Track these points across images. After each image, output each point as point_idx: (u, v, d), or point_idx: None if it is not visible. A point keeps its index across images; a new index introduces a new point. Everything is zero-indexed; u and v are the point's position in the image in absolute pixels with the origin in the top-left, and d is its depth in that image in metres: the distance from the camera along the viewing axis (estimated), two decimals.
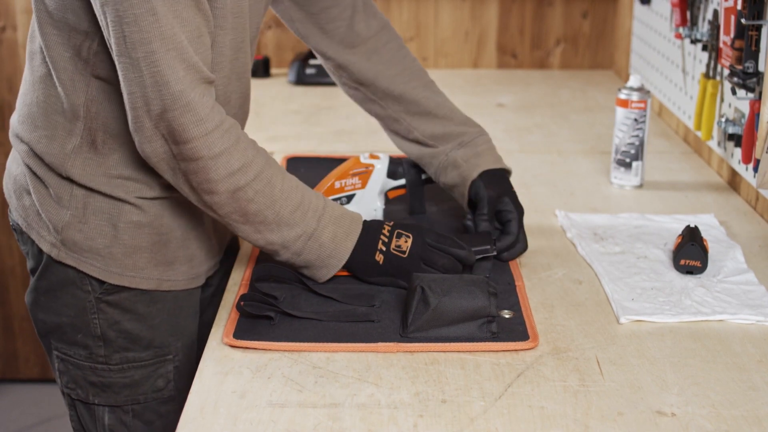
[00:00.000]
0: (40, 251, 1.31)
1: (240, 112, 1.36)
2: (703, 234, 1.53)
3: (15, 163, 1.35)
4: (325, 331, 1.21)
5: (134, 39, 1.12)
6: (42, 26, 1.23)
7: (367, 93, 1.54)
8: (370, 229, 1.33)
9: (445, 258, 1.32)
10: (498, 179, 1.47)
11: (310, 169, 1.76)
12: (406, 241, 1.33)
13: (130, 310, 1.32)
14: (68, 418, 1.39)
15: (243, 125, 1.39)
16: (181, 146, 1.17)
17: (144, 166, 1.27)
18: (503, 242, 1.41)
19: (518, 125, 2.23)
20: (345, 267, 1.32)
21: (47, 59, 1.25)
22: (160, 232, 1.31)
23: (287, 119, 2.27)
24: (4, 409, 2.96)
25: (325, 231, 1.28)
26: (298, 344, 1.18)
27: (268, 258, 1.39)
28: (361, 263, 1.31)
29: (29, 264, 1.36)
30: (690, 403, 1.07)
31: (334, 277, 1.33)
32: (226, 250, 1.49)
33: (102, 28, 1.16)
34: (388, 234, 1.33)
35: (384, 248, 1.32)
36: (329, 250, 1.29)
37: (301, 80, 2.57)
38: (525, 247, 1.43)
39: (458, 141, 1.50)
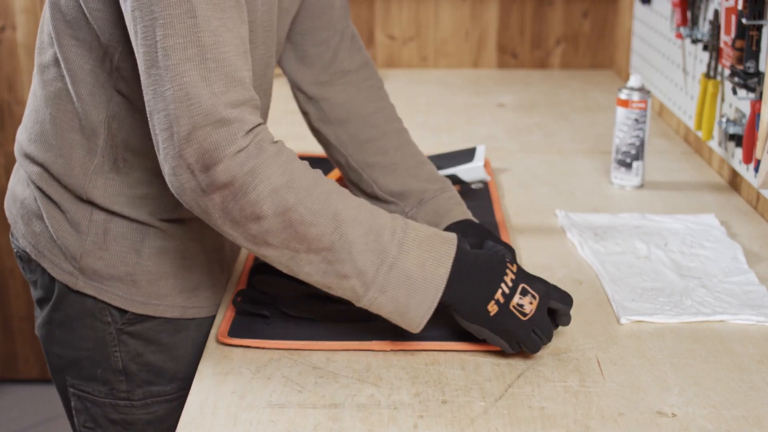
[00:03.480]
0: (52, 280, 1.24)
1: None
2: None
3: (22, 186, 1.26)
4: (320, 330, 1.20)
5: (167, 45, 0.98)
6: (60, 37, 1.15)
7: (332, 136, 1.41)
8: (492, 264, 1.12)
9: (551, 329, 1.15)
10: (470, 228, 1.31)
11: None
12: (531, 303, 1.12)
13: (154, 340, 1.25)
14: (68, 419, 1.36)
15: None
16: (210, 172, 1.00)
17: None
18: None
19: (518, 125, 2.23)
20: (446, 304, 1.10)
21: (65, 72, 1.16)
22: (185, 256, 1.24)
23: (287, 119, 2.26)
24: (4, 409, 2.96)
25: (408, 257, 1.07)
26: (293, 342, 1.18)
27: None
28: (468, 304, 1.10)
29: (36, 294, 1.28)
30: (691, 404, 1.07)
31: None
32: None
33: (131, 38, 1.03)
34: (511, 284, 1.11)
35: (503, 300, 1.11)
36: (418, 281, 1.07)
37: None
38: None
39: (418, 199, 1.36)
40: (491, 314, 1.10)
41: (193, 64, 0.99)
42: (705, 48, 1.88)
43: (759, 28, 1.59)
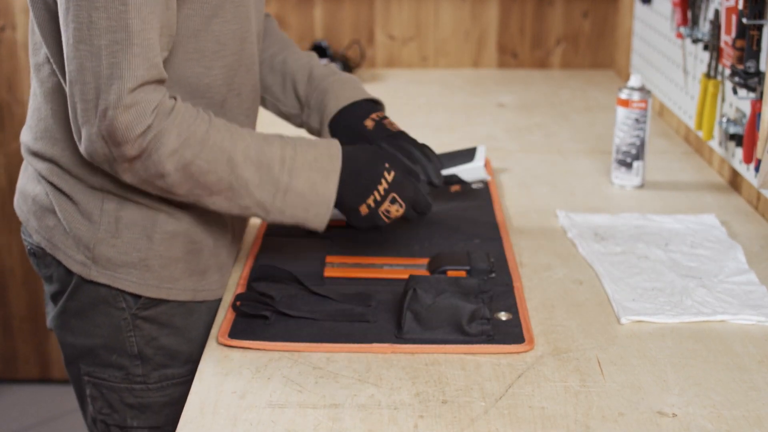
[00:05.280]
0: (68, 272, 1.28)
1: (253, 105, 1.35)
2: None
3: (32, 183, 1.30)
4: (320, 331, 1.20)
5: (101, 26, 1.08)
6: (45, 36, 1.19)
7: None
8: (370, 172, 1.28)
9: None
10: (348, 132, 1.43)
11: None
12: (397, 211, 1.30)
13: (168, 324, 1.29)
14: (68, 419, 1.37)
15: (255, 117, 1.38)
16: (121, 147, 1.12)
17: None
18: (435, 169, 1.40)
19: (518, 125, 2.22)
20: (337, 207, 1.29)
21: (56, 68, 1.21)
22: (194, 240, 1.29)
23: None
24: (4, 409, 2.96)
25: (299, 181, 1.22)
26: (293, 344, 1.18)
27: (267, 258, 1.39)
28: (346, 204, 1.28)
29: (52, 288, 1.32)
30: (691, 404, 1.07)
31: (330, 278, 1.34)
32: None
33: (60, 14, 1.12)
34: (384, 192, 1.28)
35: (373, 205, 1.28)
36: (311, 198, 1.23)
37: None
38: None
39: (306, 104, 1.47)
40: (362, 215, 1.28)
41: (120, 47, 1.09)
42: (705, 48, 1.88)
43: (759, 28, 1.59)
